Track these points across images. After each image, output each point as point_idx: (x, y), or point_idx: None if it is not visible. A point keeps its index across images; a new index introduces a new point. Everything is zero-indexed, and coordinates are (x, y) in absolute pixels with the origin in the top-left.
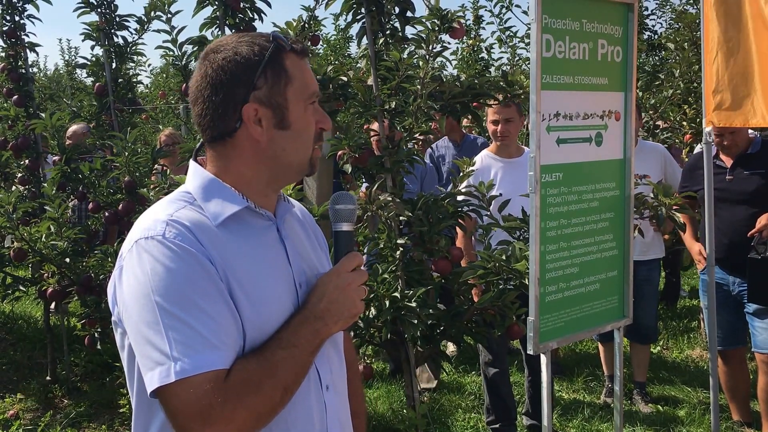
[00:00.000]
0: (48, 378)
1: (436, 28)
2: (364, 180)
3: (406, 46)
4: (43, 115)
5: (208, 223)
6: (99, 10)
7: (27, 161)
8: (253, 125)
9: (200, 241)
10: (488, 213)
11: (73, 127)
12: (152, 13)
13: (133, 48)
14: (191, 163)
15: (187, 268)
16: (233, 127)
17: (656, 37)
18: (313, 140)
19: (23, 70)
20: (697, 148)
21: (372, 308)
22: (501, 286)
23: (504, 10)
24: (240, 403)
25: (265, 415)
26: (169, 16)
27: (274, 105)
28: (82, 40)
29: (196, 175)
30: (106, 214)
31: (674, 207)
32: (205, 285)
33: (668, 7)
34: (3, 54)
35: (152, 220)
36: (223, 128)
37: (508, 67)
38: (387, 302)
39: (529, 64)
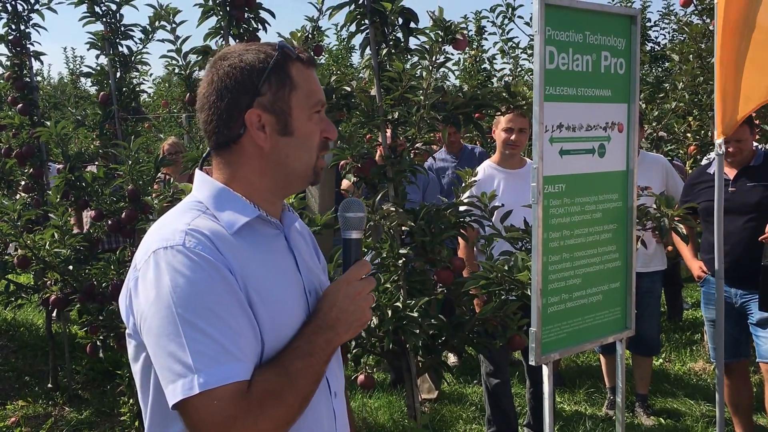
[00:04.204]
0: (49, 385)
1: (440, 39)
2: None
3: (409, 56)
4: (47, 123)
5: (224, 232)
6: (104, 19)
7: (31, 169)
8: (257, 131)
9: (220, 250)
10: (490, 223)
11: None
12: (157, 22)
13: (138, 57)
14: (197, 172)
15: (208, 278)
16: (237, 133)
17: (659, 48)
18: (317, 148)
19: (28, 79)
20: (703, 161)
21: (374, 318)
22: (503, 297)
23: (506, 21)
24: (262, 413)
25: (285, 425)
26: (174, 25)
27: (278, 111)
28: (87, 50)
29: (204, 184)
30: (109, 222)
31: (676, 218)
32: (226, 295)
33: (673, 17)
34: (8, 62)
35: (170, 230)
36: (228, 134)
37: (510, 78)
38: (389, 312)
39: (531, 75)
